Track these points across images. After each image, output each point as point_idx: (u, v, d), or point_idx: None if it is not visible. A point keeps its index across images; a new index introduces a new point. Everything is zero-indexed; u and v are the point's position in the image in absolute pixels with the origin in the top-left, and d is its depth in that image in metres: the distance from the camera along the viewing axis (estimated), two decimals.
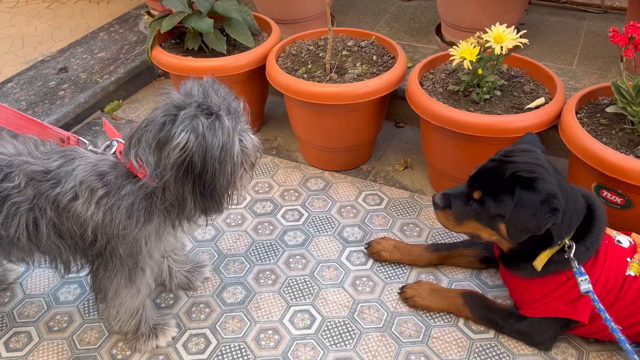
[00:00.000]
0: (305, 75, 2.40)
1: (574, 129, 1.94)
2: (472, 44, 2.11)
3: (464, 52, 2.09)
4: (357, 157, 2.56)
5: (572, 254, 1.60)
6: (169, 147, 1.33)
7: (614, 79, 1.96)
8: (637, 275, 1.60)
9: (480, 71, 2.11)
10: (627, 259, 1.64)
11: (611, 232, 1.72)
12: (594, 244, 1.62)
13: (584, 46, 2.96)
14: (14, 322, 1.91)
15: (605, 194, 1.89)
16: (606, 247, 1.65)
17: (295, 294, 1.97)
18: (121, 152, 1.47)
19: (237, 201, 1.54)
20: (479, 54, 2.09)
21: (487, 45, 2.08)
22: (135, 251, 1.54)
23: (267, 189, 2.45)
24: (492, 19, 2.65)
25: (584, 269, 1.60)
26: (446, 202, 1.72)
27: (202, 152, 1.32)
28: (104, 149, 1.54)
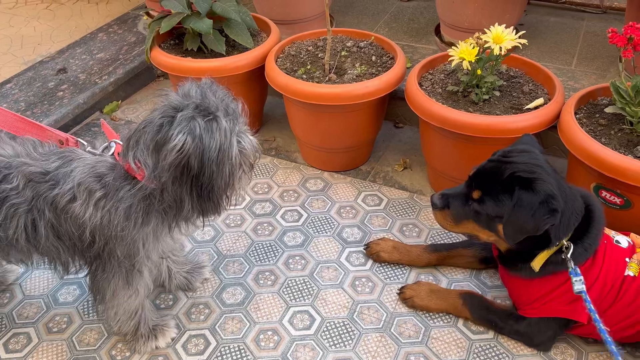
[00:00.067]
0: (304, 75, 2.40)
1: (573, 129, 1.94)
2: (471, 44, 2.11)
3: (463, 52, 2.09)
4: (357, 158, 2.56)
5: (569, 255, 1.60)
6: (166, 148, 1.33)
7: (613, 79, 1.96)
8: (636, 275, 1.60)
9: (479, 72, 2.11)
10: (626, 259, 1.64)
11: (610, 232, 1.72)
12: (592, 244, 1.62)
13: (583, 46, 2.96)
14: (13, 323, 1.91)
15: (604, 194, 1.89)
16: (605, 247, 1.65)
17: (294, 294, 1.97)
18: (119, 154, 1.47)
19: (236, 202, 1.54)
20: (478, 55, 2.09)
21: (486, 45, 2.08)
22: (132, 253, 1.54)
23: (266, 190, 2.45)
24: (491, 19, 2.65)
25: (581, 270, 1.60)
26: (444, 202, 1.72)
27: (199, 154, 1.32)
28: (102, 150, 1.54)
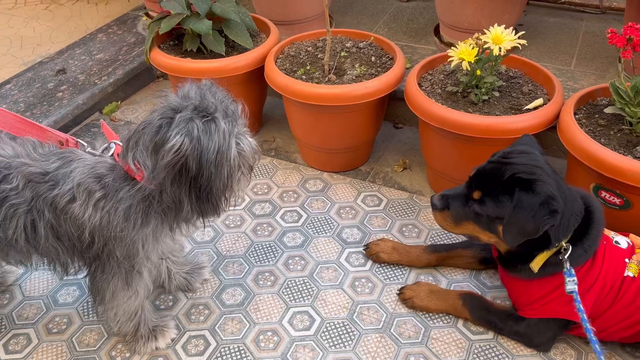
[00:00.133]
0: (303, 76, 2.40)
1: (573, 129, 1.94)
2: (470, 45, 2.11)
3: (463, 53, 2.09)
4: (356, 158, 2.56)
5: (566, 257, 1.60)
6: (163, 149, 1.33)
7: (612, 79, 1.97)
8: (635, 276, 1.60)
9: (478, 72, 2.12)
10: (626, 259, 1.63)
11: (609, 233, 1.72)
12: (591, 245, 1.62)
13: (582, 47, 2.97)
14: (13, 324, 1.91)
15: (603, 194, 1.89)
16: (604, 248, 1.65)
17: (294, 295, 1.97)
18: (119, 155, 1.47)
19: (235, 204, 1.53)
20: (477, 55, 2.09)
21: (485, 46, 2.08)
22: (132, 254, 1.54)
23: (266, 190, 2.45)
24: (490, 19, 2.65)
25: (581, 271, 1.61)
26: (444, 203, 1.72)
27: (197, 155, 1.32)
28: (102, 151, 1.54)
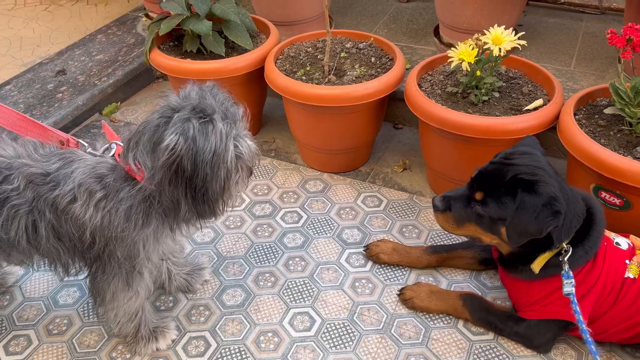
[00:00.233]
0: (303, 77, 2.40)
1: (572, 130, 1.95)
2: (470, 45, 2.11)
3: (463, 53, 2.09)
4: (356, 159, 2.56)
5: (567, 258, 1.60)
6: (159, 148, 1.33)
7: (612, 80, 1.97)
8: (635, 277, 1.60)
9: (478, 73, 2.12)
10: (626, 261, 1.64)
11: (610, 234, 1.72)
12: (592, 247, 1.62)
13: (582, 47, 2.97)
14: (13, 326, 1.90)
15: (603, 195, 1.89)
16: (605, 249, 1.65)
17: (294, 296, 1.97)
18: (120, 155, 1.47)
19: (232, 207, 1.53)
20: (477, 56, 2.09)
21: (485, 46, 2.08)
22: (133, 254, 1.54)
23: (266, 191, 2.45)
24: (490, 20, 2.65)
25: (581, 272, 1.61)
26: (446, 204, 1.72)
27: (192, 155, 1.32)
28: (103, 151, 1.54)
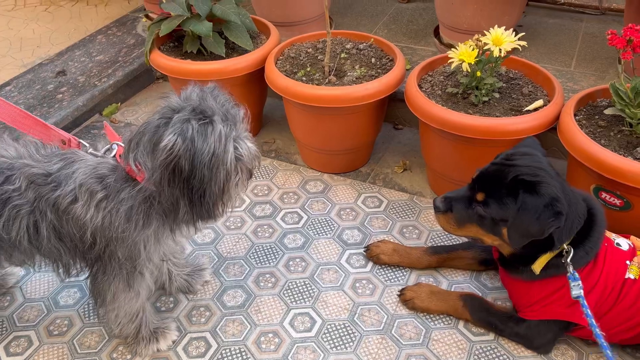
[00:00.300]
0: (304, 78, 2.40)
1: (573, 131, 1.95)
2: (470, 46, 2.11)
3: (463, 54, 2.09)
4: (356, 160, 2.56)
5: (569, 259, 1.60)
6: (158, 148, 1.33)
7: (612, 80, 1.97)
8: (636, 278, 1.61)
9: (478, 73, 2.12)
10: (627, 261, 1.64)
11: (610, 235, 1.72)
12: (593, 247, 1.63)
13: (582, 48, 2.97)
14: (14, 326, 1.90)
15: (604, 195, 1.89)
16: (605, 250, 1.65)
17: (295, 296, 1.97)
18: (121, 156, 1.47)
19: (232, 209, 1.53)
20: (477, 57, 2.10)
21: (485, 47, 2.08)
22: (134, 255, 1.54)
23: (266, 192, 2.45)
24: (490, 21, 2.66)
25: (582, 273, 1.61)
26: (447, 205, 1.72)
27: (190, 156, 1.31)
28: (104, 152, 1.54)
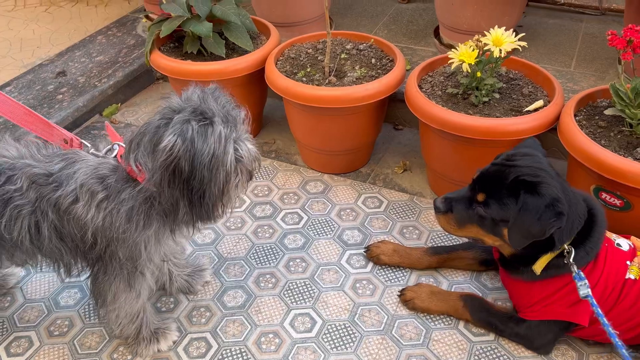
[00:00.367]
0: (304, 78, 2.40)
1: (573, 131, 1.95)
2: (470, 47, 2.11)
3: (463, 55, 2.09)
4: (356, 160, 2.56)
5: (571, 259, 1.60)
6: (157, 149, 1.33)
7: (612, 81, 1.97)
8: (636, 278, 1.61)
9: (479, 74, 2.12)
10: (627, 262, 1.64)
11: (611, 235, 1.72)
12: (593, 248, 1.63)
13: (582, 48, 2.97)
14: (14, 327, 1.90)
15: (604, 196, 1.90)
16: (606, 250, 1.66)
17: (295, 297, 1.97)
18: (122, 156, 1.48)
19: (231, 211, 1.53)
20: (477, 57, 2.10)
21: (485, 48, 2.08)
22: (135, 255, 1.54)
23: (266, 192, 2.45)
24: (490, 21, 2.66)
25: (583, 274, 1.60)
26: (448, 206, 1.72)
27: (189, 157, 1.31)
28: (105, 152, 1.54)
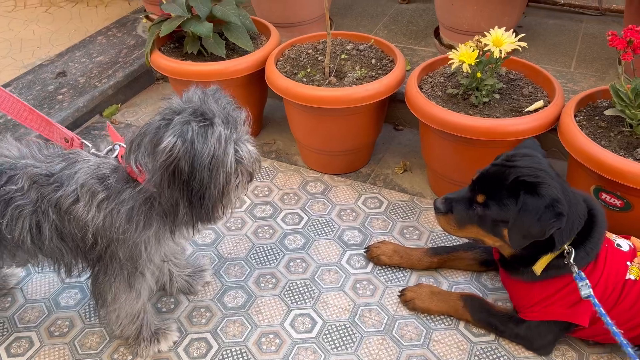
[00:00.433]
0: (304, 79, 2.40)
1: (573, 131, 1.95)
2: (470, 47, 2.11)
3: (463, 55, 2.09)
4: (357, 161, 2.57)
5: (571, 259, 1.60)
6: (157, 150, 1.33)
7: (612, 81, 1.97)
8: (637, 279, 1.61)
9: (479, 74, 2.12)
10: (627, 262, 1.64)
11: (611, 235, 1.72)
12: (593, 248, 1.63)
13: (582, 48, 2.98)
14: (15, 327, 1.91)
15: (604, 196, 1.90)
16: (606, 251, 1.66)
17: (296, 297, 1.98)
18: (122, 157, 1.48)
19: (231, 212, 1.53)
20: (477, 58, 2.10)
21: (485, 48, 2.09)
22: (135, 255, 1.54)
23: (266, 193, 2.45)
24: (490, 21, 2.66)
25: (584, 274, 1.60)
26: (448, 206, 1.72)
27: (189, 158, 1.31)
28: (106, 152, 1.54)
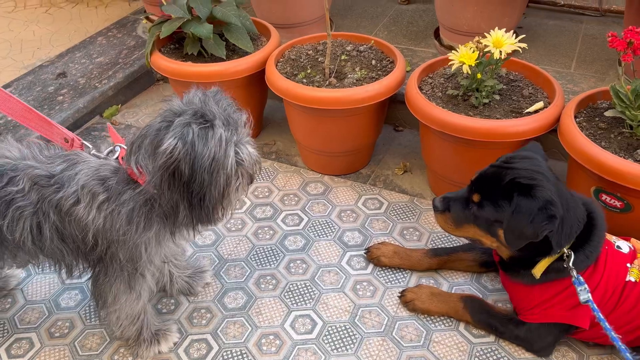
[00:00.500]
0: (304, 80, 2.41)
1: (573, 133, 1.95)
2: (471, 48, 2.11)
3: (463, 56, 2.09)
4: (357, 161, 2.57)
5: (570, 263, 1.60)
6: (158, 152, 1.33)
7: (612, 82, 1.97)
8: (637, 281, 1.61)
9: (479, 75, 2.12)
10: (627, 264, 1.64)
11: (611, 237, 1.72)
12: (593, 252, 1.63)
13: (582, 49, 2.98)
14: (15, 329, 1.91)
15: (604, 197, 1.90)
16: (606, 253, 1.66)
17: (296, 298, 1.98)
18: (123, 158, 1.48)
19: (231, 214, 1.53)
20: (477, 59, 2.10)
21: (486, 49, 2.09)
22: (135, 257, 1.54)
23: (266, 194, 2.45)
24: (490, 22, 2.66)
25: (583, 278, 1.60)
26: (445, 205, 1.73)
27: (189, 160, 1.32)
28: (107, 154, 1.55)
